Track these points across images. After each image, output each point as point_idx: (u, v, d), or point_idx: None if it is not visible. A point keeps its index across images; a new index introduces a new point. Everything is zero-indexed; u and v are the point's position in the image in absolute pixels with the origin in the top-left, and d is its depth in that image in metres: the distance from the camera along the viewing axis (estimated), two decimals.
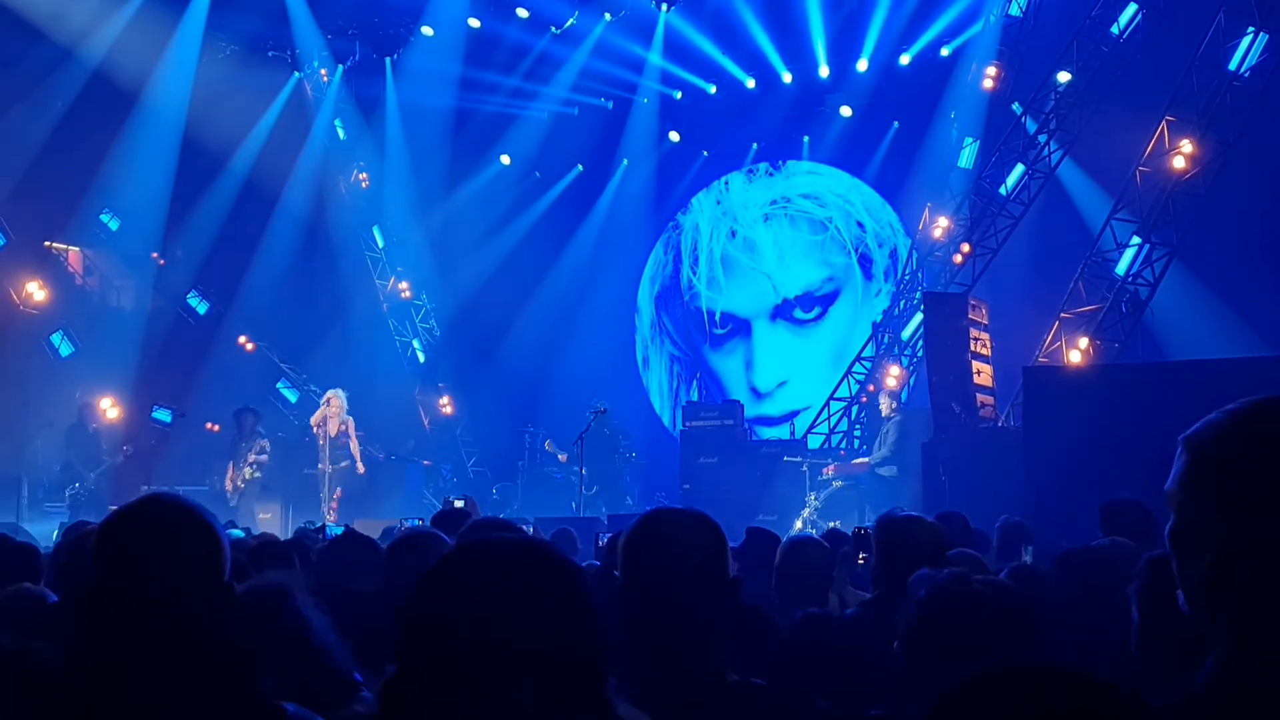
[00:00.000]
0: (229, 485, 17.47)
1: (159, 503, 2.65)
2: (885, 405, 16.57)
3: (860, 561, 5.85)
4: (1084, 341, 15.51)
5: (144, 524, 2.58)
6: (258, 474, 17.36)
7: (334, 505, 17.83)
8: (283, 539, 7.55)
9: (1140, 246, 15.64)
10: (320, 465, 18.05)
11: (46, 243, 19.74)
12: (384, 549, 6.22)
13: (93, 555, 2.59)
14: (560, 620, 1.90)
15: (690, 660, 2.62)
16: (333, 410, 18.02)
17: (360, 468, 18.07)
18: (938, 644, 2.67)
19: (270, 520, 17.80)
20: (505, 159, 23.44)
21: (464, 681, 1.84)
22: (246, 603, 3.05)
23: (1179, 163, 15.22)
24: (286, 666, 2.91)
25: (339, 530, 7.47)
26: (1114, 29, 16.75)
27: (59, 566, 4.93)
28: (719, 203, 23.60)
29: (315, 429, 18.21)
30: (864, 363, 19.63)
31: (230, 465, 17.56)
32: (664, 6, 20.54)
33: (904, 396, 18.72)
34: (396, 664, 1.91)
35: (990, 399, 15.35)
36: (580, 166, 24.08)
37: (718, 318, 23.43)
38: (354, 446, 17.99)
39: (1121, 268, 15.77)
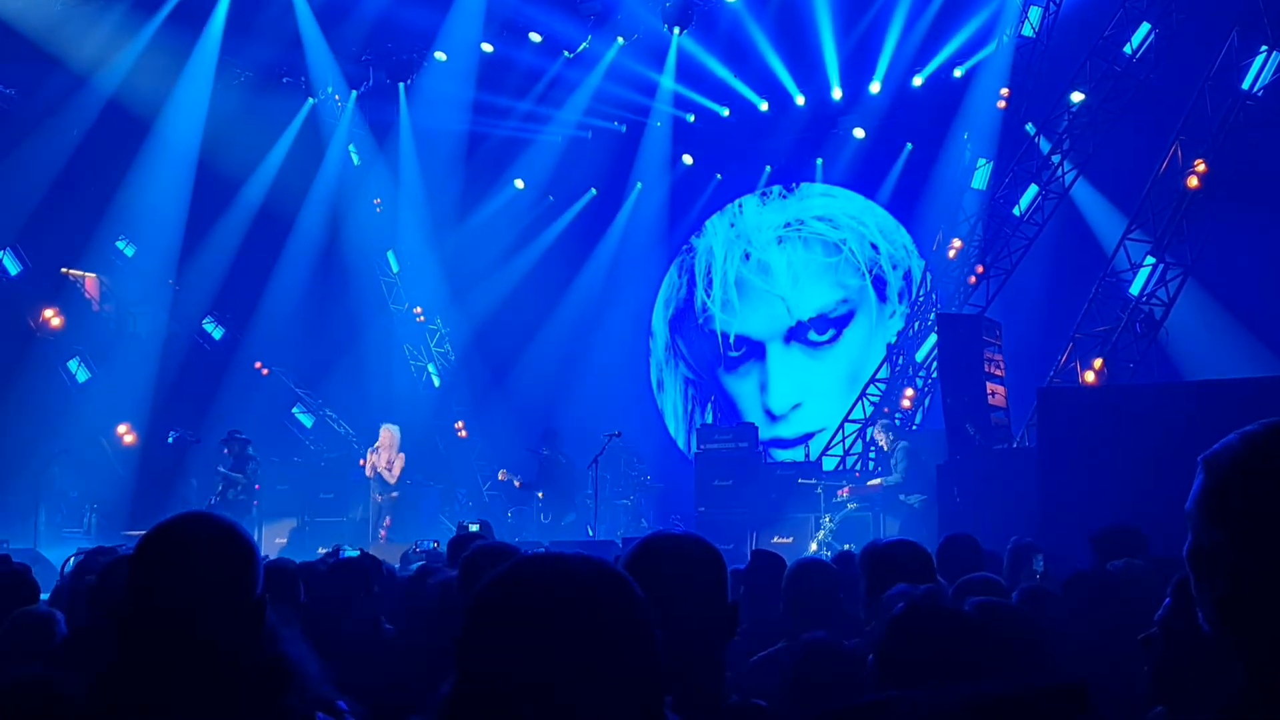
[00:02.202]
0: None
1: (194, 519, 2.73)
2: (882, 439, 16.56)
3: None
4: (1098, 362, 15.45)
5: (180, 539, 2.65)
6: (243, 496, 17.38)
7: (383, 532, 18.10)
8: (298, 561, 7.53)
9: (1154, 266, 15.60)
10: (375, 495, 18.68)
11: (63, 269, 19.85)
12: (396, 575, 6.21)
13: (129, 570, 2.65)
14: (624, 636, 1.88)
15: (689, 683, 2.61)
16: (384, 442, 18.52)
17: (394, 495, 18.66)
18: (905, 662, 2.65)
19: (283, 545, 17.92)
20: (519, 183, 23.50)
21: (527, 697, 1.83)
22: None
23: (1192, 182, 15.18)
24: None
25: (355, 554, 7.45)
26: (1127, 49, 16.73)
27: (88, 590, 4.92)
28: (733, 225, 23.61)
29: (368, 464, 18.72)
30: (878, 384, 19.60)
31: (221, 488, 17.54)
32: (676, 30, 20.58)
33: (919, 418, 18.69)
34: (455, 679, 1.90)
35: (1004, 420, 15.29)
36: (594, 190, 24.12)
37: (732, 340, 23.42)
38: (395, 469, 18.49)
39: (1135, 288, 15.72)
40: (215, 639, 2.53)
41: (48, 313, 19.07)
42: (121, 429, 19.53)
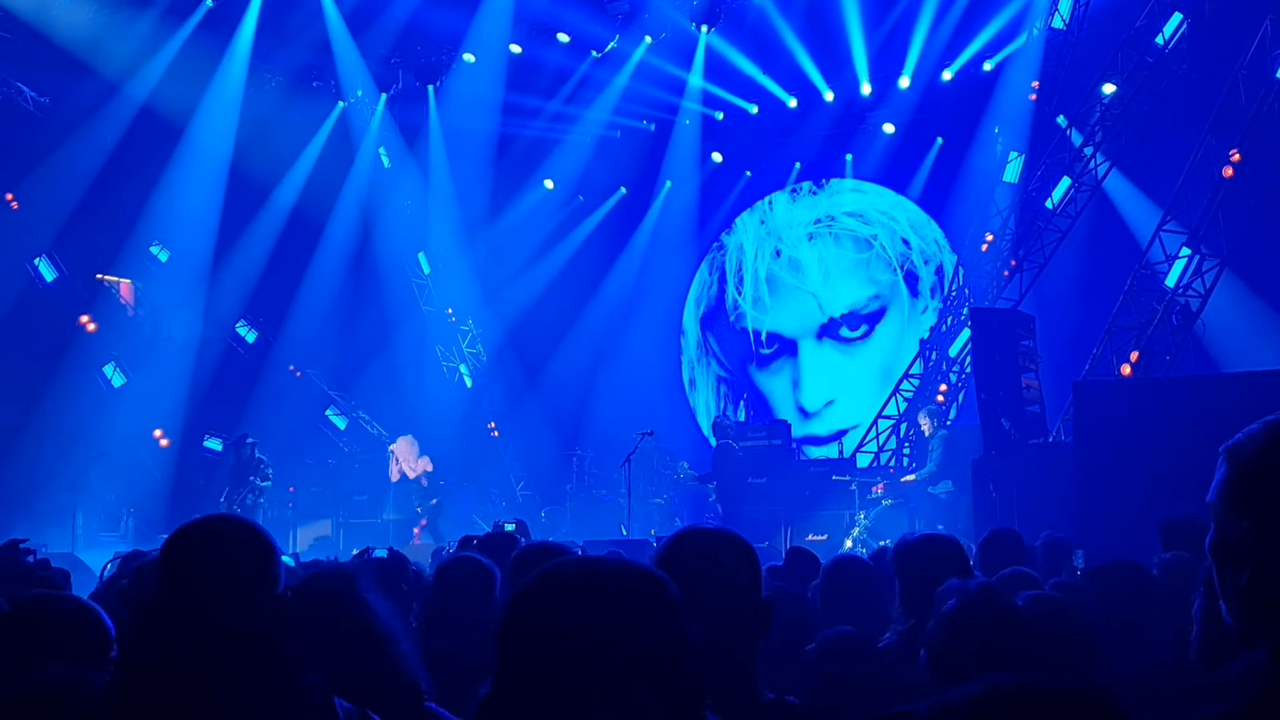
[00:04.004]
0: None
1: (218, 520, 2.94)
2: (925, 425, 16.47)
3: None
4: (1134, 355, 15.34)
5: (205, 538, 2.81)
6: (261, 500, 17.45)
7: (417, 532, 18.20)
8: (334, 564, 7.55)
9: (1190, 258, 15.46)
10: (417, 508, 18.85)
11: (99, 275, 20.00)
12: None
13: (158, 568, 2.79)
14: (663, 636, 1.88)
15: (723, 679, 2.60)
16: (400, 453, 18.54)
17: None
18: (964, 656, 2.63)
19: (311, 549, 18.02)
20: (549, 183, 23.52)
21: (568, 698, 1.82)
22: (309, 591, 3.15)
23: (1227, 172, 15.05)
24: (349, 657, 3.02)
25: (383, 554, 7.46)
26: (1158, 39, 16.60)
27: (120, 594, 4.96)
28: (763, 222, 23.56)
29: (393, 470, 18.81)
30: (912, 380, 19.53)
31: (228, 491, 17.58)
32: (704, 28, 20.57)
33: (952, 413, 18.61)
34: (494, 680, 1.90)
35: (1040, 414, 15.19)
36: (623, 189, 24.13)
37: (764, 337, 23.37)
38: (419, 470, 18.56)
39: (1171, 279, 15.58)
40: (237, 634, 2.60)
41: (83, 318, 19.23)
42: (157, 433, 19.67)
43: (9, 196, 18.47)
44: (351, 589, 3.30)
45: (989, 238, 18.69)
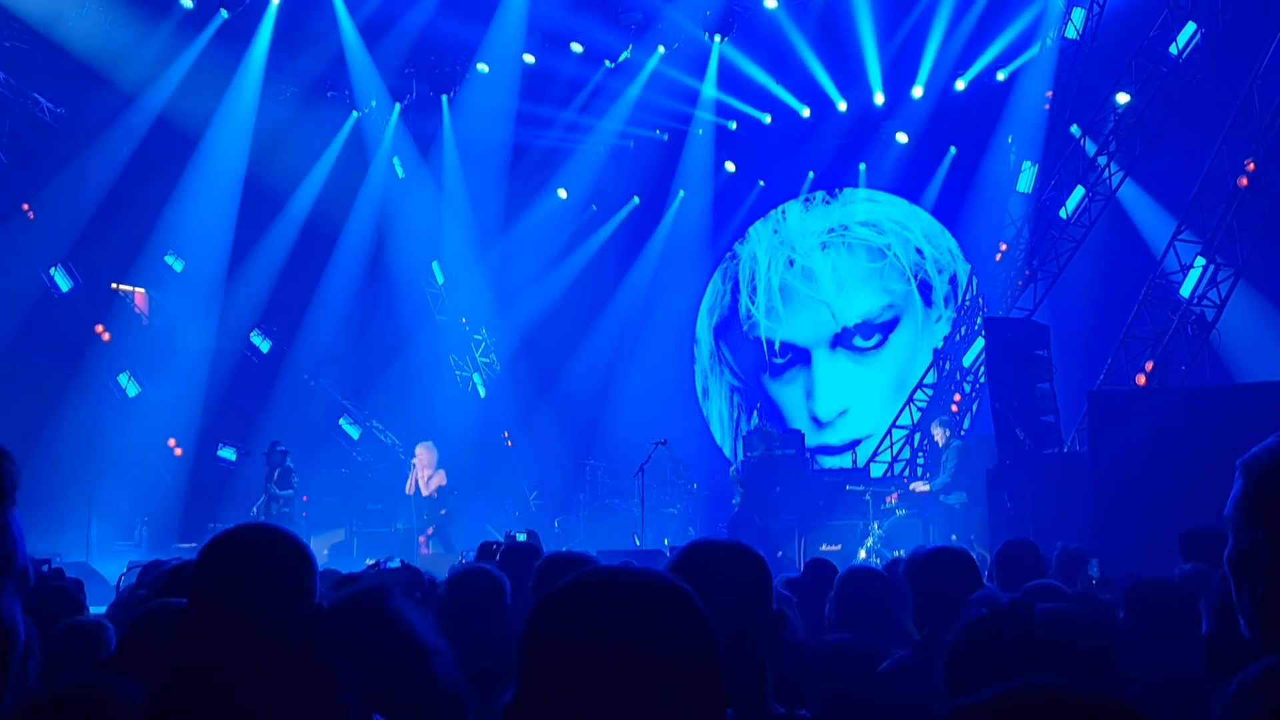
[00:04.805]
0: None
1: (255, 529, 2.87)
2: (939, 435, 16.43)
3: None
4: (1149, 365, 15.30)
5: (242, 546, 2.77)
6: (285, 509, 17.44)
7: (424, 540, 18.14)
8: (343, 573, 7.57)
9: (1205, 268, 15.42)
10: (425, 516, 18.59)
11: (113, 285, 20.06)
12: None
13: (192, 575, 2.76)
14: (692, 646, 1.87)
15: (734, 692, 2.59)
16: (420, 460, 18.40)
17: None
18: (982, 666, 2.61)
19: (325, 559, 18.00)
20: (562, 193, 23.54)
21: (593, 707, 1.81)
22: (345, 604, 3.13)
23: (1242, 182, 15.01)
24: (387, 672, 3.00)
25: (396, 564, 7.48)
26: (1172, 49, 16.58)
27: (139, 604, 4.96)
28: (776, 232, 23.56)
29: (410, 482, 18.60)
30: (925, 390, 19.50)
31: (264, 500, 17.58)
32: (717, 38, 20.58)
33: (966, 423, 18.57)
34: (517, 687, 1.89)
35: (1054, 424, 15.16)
36: (637, 199, 24.15)
37: (777, 347, 23.35)
38: (433, 484, 18.38)
39: (1186, 289, 15.54)
40: (274, 645, 2.57)
41: (98, 328, 19.30)
42: (171, 442, 19.72)
43: (25, 207, 18.54)
44: (389, 602, 3.28)
45: (1003, 247, 18.67)
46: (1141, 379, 15.21)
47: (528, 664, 1.87)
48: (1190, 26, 16.40)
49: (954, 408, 18.69)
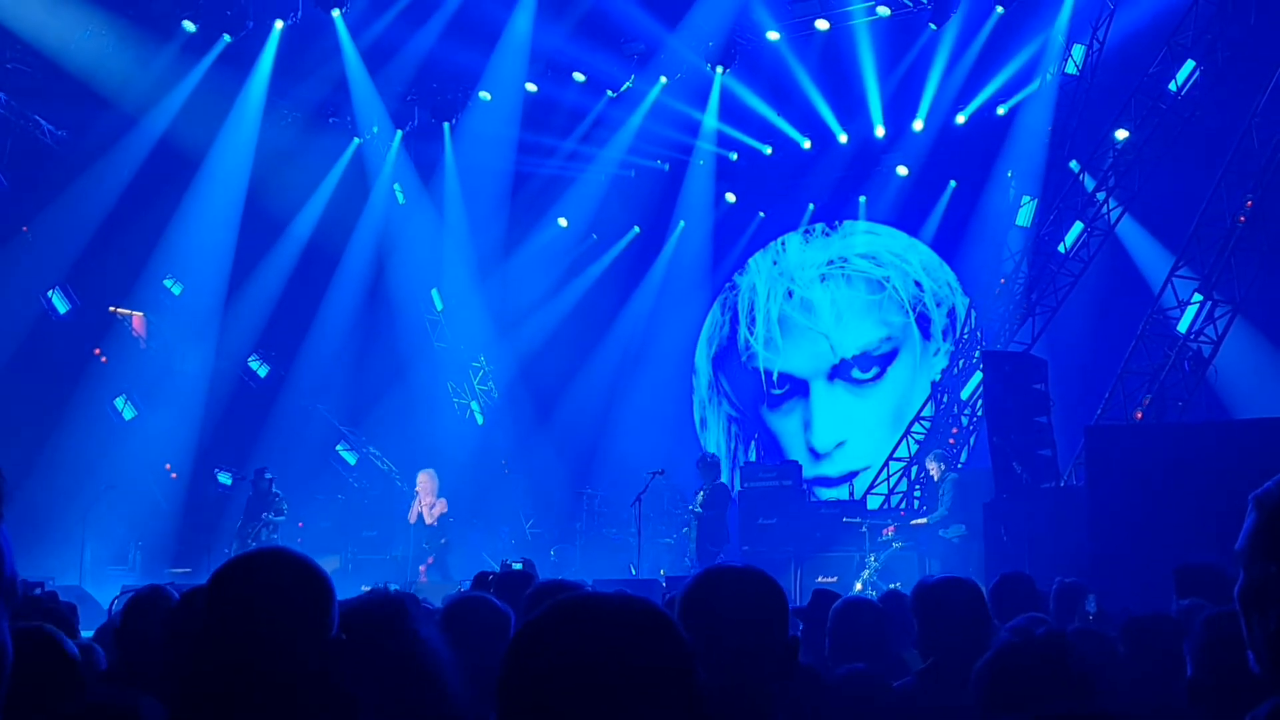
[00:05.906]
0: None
1: (274, 554, 2.75)
2: (934, 470, 16.41)
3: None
4: (1146, 400, 15.30)
5: (259, 573, 2.67)
6: (274, 535, 17.33)
7: (423, 570, 18.04)
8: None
9: (1202, 304, 15.44)
10: (424, 545, 18.32)
11: (111, 308, 20.07)
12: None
13: (207, 601, 2.66)
14: (666, 671, 1.85)
15: (743, 717, 2.58)
16: (422, 487, 18.25)
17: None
18: (1011, 689, 2.61)
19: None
20: (562, 221, 23.59)
21: None
22: (358, 622, 3.08)
23: (1240, 218, 15.04)
24: (401, 691, 2.95)
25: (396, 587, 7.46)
26: (1171, 85, 16.63)
27: (114, 631, 4.92)
28: (775, 263, 23.59)
29: (413, 512, 18.39)
30: (923, 422, 19.49)
31: (241, 524, 17.46)
32: (719, 69, 20.65)
33: (964, 456, 18.55)
34: (497, 713, 1.88)
35: (1051, 458, 15.15)
36: (637, 228, 24.19)
37: (775, 378, 23.34)
38: (435, 512, 18.21)
39: (1183, 325, 15.56)
40: (291, 674, 2.53)
41: (95, 351, 19.29)
42: (167, 466, 19.69)
43: (24, 229, 18.57)
44: (403, 620, 3.22)
45: (1002, 281, 18.69)
46: (1139, 414, 15.21)
47: (504, 689, 1.86)
48: (1189, 64, 16.46)
49: (951, 441, 18.67)
